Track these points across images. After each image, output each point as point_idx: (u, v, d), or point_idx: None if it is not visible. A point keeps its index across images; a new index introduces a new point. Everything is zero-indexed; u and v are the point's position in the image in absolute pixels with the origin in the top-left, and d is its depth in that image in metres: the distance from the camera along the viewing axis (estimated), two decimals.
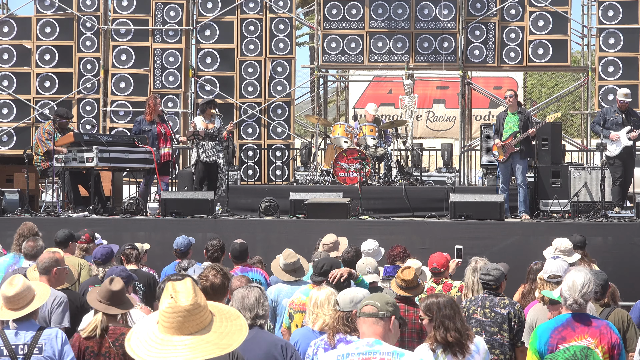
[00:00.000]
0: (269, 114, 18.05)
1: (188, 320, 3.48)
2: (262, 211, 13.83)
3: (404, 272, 7.08)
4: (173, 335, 3.47)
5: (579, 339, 5.36)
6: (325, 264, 7.39)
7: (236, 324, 3.63)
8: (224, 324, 3.60)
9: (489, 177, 16.25)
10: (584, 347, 5.35)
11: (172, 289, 3.54)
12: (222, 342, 3.51)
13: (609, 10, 17.39)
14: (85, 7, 18.16)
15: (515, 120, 13.90)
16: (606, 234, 12.61)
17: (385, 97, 25.01)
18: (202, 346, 3.46)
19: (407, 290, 7.06)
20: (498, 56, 17.73)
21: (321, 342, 5.89)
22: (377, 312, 4.63)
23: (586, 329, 5.38)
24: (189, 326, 3.48)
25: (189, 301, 3.49)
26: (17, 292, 5.94)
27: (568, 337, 5.38)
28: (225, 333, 3.55)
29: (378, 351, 4.47)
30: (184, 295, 3.51)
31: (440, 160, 17.66)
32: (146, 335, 3.52)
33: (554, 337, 5.41)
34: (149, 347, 3.47)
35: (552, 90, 34.42)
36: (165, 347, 3.46)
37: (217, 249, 9.05)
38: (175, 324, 3.47)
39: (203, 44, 18.12)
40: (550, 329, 5.46)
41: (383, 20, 17.88)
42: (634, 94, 17.31)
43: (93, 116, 18.10)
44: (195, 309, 3.50)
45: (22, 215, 13.43)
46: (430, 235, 12.71)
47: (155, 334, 3.50)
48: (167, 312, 3.48)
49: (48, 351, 5.91)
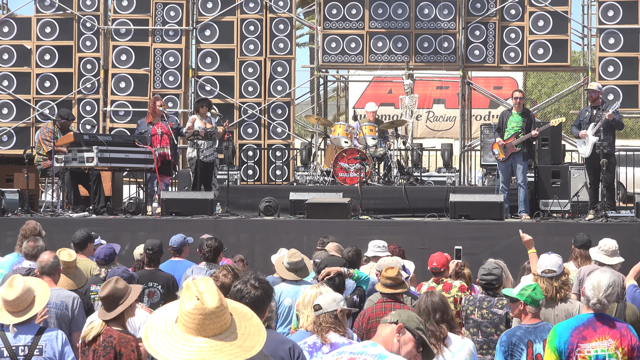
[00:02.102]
0: (269, 114, 18.05)
1: (213, 322, 3.43)
2: (262, 211, 13.83)
3: (388, 270, 7.12)
4: (196, 337, 3.44)
5: (599, 339, 5.36)
6: (329, 263, 7.39)
7: (253, 324, 3.60)
8: (244, 324, 3.56)
9: (489, 177, 16.25)
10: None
11: (196, 290, 3.49)
12: (245, 345, 3.47)
13: (609, 10, 17.39)
14: (85, 7, 18.16)
15: (519, 121, 13.85)
16: (606, 234, 12.58)
17: (385, 97, 25.02)
18: (228, 349, 3.42)
19: (392, 287, 7.10)
20: (498, 56, 17.72)
21: (305, 346, 5.81)
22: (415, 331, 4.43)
23: (607, 330, 5.38)
24: (214, 328, 3.43)
25: (215, 303, 3.44)
26: (17, 295, 5.92)
27: (589, 337, 5.37)
28: (247, 334, 3.51)
29: (365, 352, 4.44)
30: (210, 297, 3.45)
31: (440, 160, 17.66)
32: (165, 335, 3.47)
33: (574, 336, 5.40)
34: (173, 348, 3.42)
35: (552, 90, 34.43)
36: (191, 347, 3.41)
37: (210, 249, 9.01)
38: (200, 326, 3.42)
39: (203, 44, 18.12)
40: (571, 327, 5.45)
41: (383, 20, 17.88)
42: (633, 94, 17.33)
43: (93, 116, 18.10)
44: (220, 311, 3.45)
45: (22, 215, 13.43)
46: (430, 235, 12.70)
47: (176, 333, 3.46)
48: (192, 313, 3.42)
49: (49, 352, 5.90)
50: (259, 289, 4.38)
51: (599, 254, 8.91)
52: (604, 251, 8.94)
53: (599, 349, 5.35)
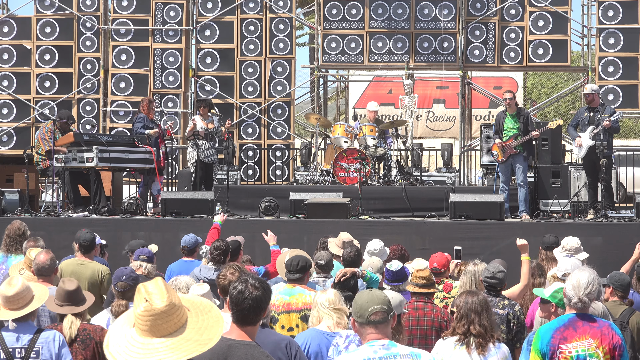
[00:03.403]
0: (269, 114, 18.04)
1: (165, 322, 3.45)
2: (262, 211, 13.83)
3: (421, 271, 7.18)
4: (153, 338, 3.44)
5: (580, 339, 5.35)
6: (300, 260, 7.39)
7: (211, 316, 3.60)
8: (200, 317, 3.57)
9: (489, 177, 16.24)
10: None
11: (144, 291, 3.49)
12: (202, 338, 3.49)
13: (609, 10, 17.38)
14: (85, 7, 18.16)
15: (514, 123, 13.83)
16: (606, 234, 12.60)
17: (385, 97, 25.01)
18: (184, 345, 3.44)
19: (425, 287, 7.16)
20: (498, 56, 17.72)
21: (355, 338, 5.77)
22: (386, 317, 4.62)
23: (587, 329, 5.37)
24: (167, 327, 3.45)
25: (164, 302, 3.46)
26: (16, 292, 5.94)
27: (569, 337, 5.37)
28: (204, 328, 3.53)
29: (397, 354, 4.47)
30: (158, 297, 3.47)
31: (440, 160, 17.65)
32: (125, 340, 3.49)
33: (555, 337, 5.40)
34: (130, 352, 3.44)
35: (552, 90, 34.42)
36: (147, 349, 3.43)
37: (220, 252, 8.98)
38: (153, 327, 3.44)
39: (203, 44, 18.12)
40: (552, 329, 5.45)
41: (383, 20, 17.88)
42: (633, 94, 17.33)
43: (93, 116, 18.10)
44: (171, 309, 3.47)
45: (22, 215, 13.43)
46: (430, 235, 12.70)
47: (135, 337, 3.47)
48: (143, 315, 3.45)
49: (45, 354, 5.90)
50: (260, 288, 4.41)
51: (563, 254, 8.86)
52: (567, 250, 8.89)
53: (580, 349, 5.34)
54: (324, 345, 6.10)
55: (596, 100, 13.80)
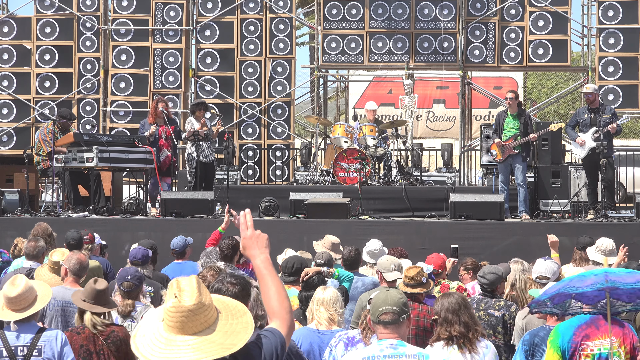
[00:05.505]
0: (269, 114, 18.05)
1: (192, 320, 3.44)
2: (262, 211, 13.82)
3: (409, 270, 7.13)
4: (177, 335, 3.45)
5: (602, 337, 5.37)
6: (295, 262, 7.39)
7: (242, 321, 3.60)
8: (230, 322, 3.56)
9: (489, 177, 16.24)
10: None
11: (176, 287, 3.50)
12: (226, 342, 3.48)
13: (609, 10, 17.38)
14: (85, 7, 18.16)
15: (515, 123, 13.83)
16: (606, 234, 12.58)
17: (385, 97, 25.00)
18: (206, 346, 3.43)
19: (412, 287, 7.11)
20: (498, 56, 17.72)
21: (344, 337, 5.88)
22: (398, 318, 4.66)
23: (610, 328, 5.39)
24: (193, 326, 3.45)
25: (193, 301, 3.46)
26: (19, 292, 5.93)
27: (592, 335, 5.39)
28: (231, 332, 3.52)
29: (404, 353, 4.50)
30: (188, 295, 3.47)
31: (440, 160, 17.65)
32: (151, 334, 3.49)
33: (577, 334, 5.41)
34: (153, 347, 3.44)
35: (552, 90, 34.42)
36: (169, 347, 3.43)
37: (228, 247, 8.93)
38: (179, 324, 3.44)
39: (203, 44, 18.12)
40: (574, 326, 5.46)
41: (383, 20, 17.88)
42: (633, 94, 17.32)
43: (93, 116, 18.09)
44: (199, 309, 3.46)
45: (22, 215, 13.44)
46: (430, 235, 12.70)
47: (160, 332, 3.47)
48: (171, 311, 3.45)
49: (47, 353, 5.90)
50: (237, 285, 4.40)
51: (596, 254, 8.89)
52: (601, 251, 8.92)
53: (602, 347, 5.37)
54: (316, 344, 6.15)
55: (596, 101, 13.80)
